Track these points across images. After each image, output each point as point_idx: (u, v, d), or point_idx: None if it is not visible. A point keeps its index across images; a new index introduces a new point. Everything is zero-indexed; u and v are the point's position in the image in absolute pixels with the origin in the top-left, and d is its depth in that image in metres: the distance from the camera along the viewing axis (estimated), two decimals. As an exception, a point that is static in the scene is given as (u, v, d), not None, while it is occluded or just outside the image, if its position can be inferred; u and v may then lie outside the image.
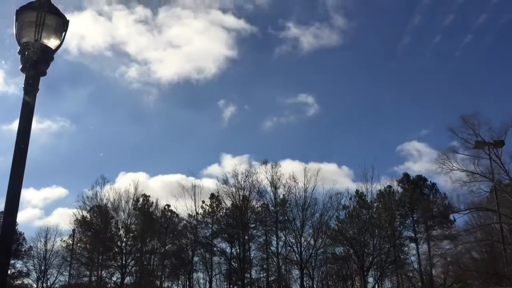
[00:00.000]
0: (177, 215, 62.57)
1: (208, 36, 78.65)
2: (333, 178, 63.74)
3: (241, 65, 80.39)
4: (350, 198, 57.52)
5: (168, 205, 63.46)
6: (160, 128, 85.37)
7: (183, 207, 58.36)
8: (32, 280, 66.39)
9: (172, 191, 78.92)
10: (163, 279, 63.16)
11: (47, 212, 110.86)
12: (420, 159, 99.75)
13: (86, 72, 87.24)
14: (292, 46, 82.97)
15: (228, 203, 57.61)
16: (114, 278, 59.10)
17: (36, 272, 65.75)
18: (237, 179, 55.95)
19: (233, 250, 57.87)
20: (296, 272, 56.14)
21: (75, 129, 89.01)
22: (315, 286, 57.71)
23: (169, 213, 64.05)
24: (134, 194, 59.20)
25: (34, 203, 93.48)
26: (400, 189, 59.70)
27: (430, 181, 60.46)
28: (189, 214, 58.83)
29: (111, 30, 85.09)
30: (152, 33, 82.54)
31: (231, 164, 74.05)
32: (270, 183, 55.84)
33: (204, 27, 78.43)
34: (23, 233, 68.33)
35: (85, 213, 59.30)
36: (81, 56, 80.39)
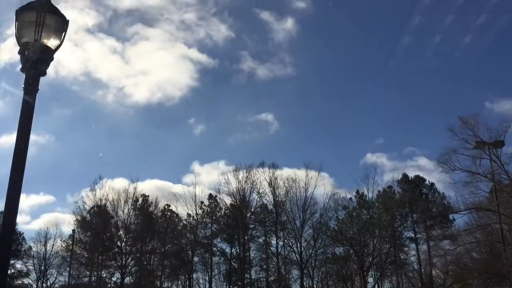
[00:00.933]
0: (177, 215, 62.75)
1: (175, 67, 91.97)
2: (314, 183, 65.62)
3: (206, 91, 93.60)
4: (350, 199, 57.69)
5: (168, 205, 63.60)
6: (137, 143, 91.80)
7: (183, 207, 58.60)
8: (32, 280, 66.49)
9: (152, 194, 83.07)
10: (163, 279, 63.19)
11: (34, 216, 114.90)
12: (384, 171, 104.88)
13: (64, 95, 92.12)
14: (248, 77, 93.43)
15: (228, 203, 57.73)
16: (114, 278, 59.14)
17: (36, 272, 65.82)
18: (237, 179, 56.06)
19: (233, 250, 57.95)
20: (296, 272, 56.25)
21: (59, 144, 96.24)
22: (315, 286, 57.72)
23: (169, 213, 64.10)
24: (134, 194, 59.25)
25: (22, 208, 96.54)
26: (399, 190, 59.80)
27: (429, 181, 60.57)
28: (188, 214, 58.99)
29: (85, 59, 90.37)
30: (124, 62, 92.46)
31: (205, 173, 79.18)
32: (269, 183, 55.94)
33: (172, 59, 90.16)
34: (23, 233, 68.46)
35: (84, 213, 59.36)
36: (58, 80, 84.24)
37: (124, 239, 57.25)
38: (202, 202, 60.11)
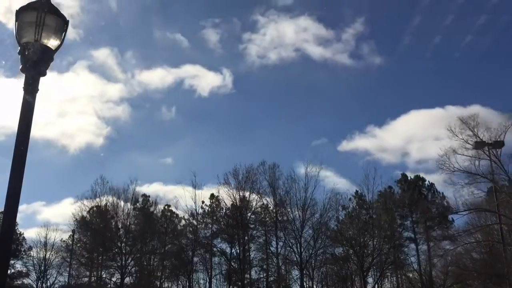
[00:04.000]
0: (177, 215, 62.72)
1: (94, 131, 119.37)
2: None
3: (118, 151, 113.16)
4: (350, 199, 57.63)
5: (168, 205, 63.55)
6: (74, 179, 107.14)
7: (183, 207, 58.59)
8: (32, 280, 66.40)
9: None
10: (163, 279, 63.09)
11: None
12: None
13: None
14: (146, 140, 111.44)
15: (228, 203, 57.70)
16: (114, 279, 59.08)
17: (35, 272, 65.76)
18: (237, 180, 56.04)
19: (233, 250, 57.85)
20: (296, 273, 56.17)
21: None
22: (314, 286, 57.72)
23: (169, 213, 64.05)
24: (133, 194, 59.27)
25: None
26: (399, 190, 59.80)
27: (429, 181, 60.57)
28: (190, 213, 58.96)
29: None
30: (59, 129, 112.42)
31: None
32: (269, 183, 55.90)
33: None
34: (23, 233, 68.41)
35: (84, 213, 59.40)
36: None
37: (124, 239, 57.25)
38: (203, 202, 60.15)
